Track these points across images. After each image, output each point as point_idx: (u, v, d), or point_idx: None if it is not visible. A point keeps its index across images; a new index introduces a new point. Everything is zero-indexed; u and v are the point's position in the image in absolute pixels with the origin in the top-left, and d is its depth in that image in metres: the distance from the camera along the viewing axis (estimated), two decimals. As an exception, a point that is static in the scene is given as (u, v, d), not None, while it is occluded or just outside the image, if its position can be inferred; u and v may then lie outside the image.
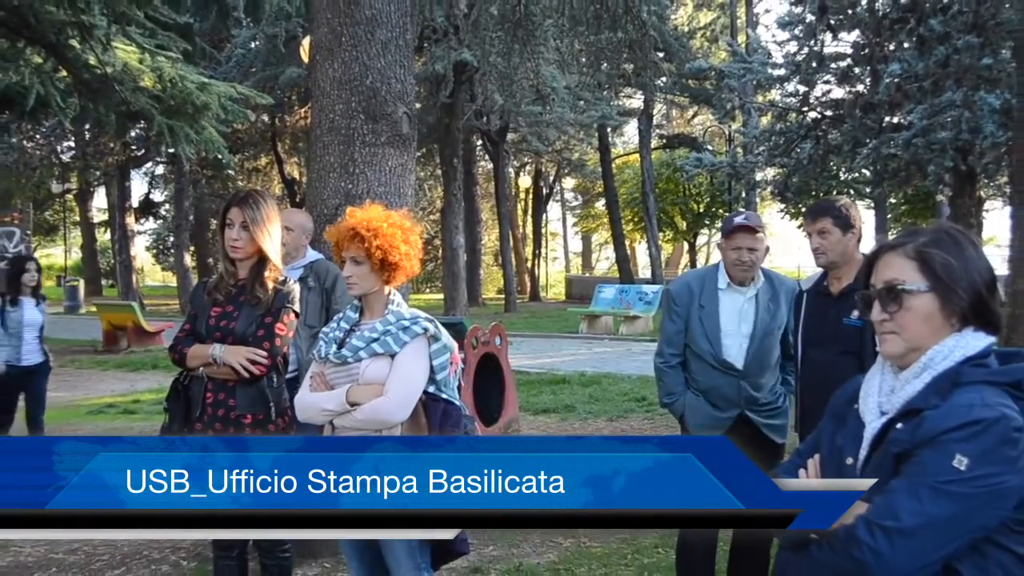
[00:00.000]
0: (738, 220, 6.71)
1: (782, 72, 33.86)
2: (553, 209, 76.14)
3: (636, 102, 52.29)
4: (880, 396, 3.02)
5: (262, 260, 6.04)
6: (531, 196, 69.23)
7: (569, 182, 73.32)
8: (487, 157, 52.41)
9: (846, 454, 3.04)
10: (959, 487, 2.67)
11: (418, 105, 9.15)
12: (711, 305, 6.75)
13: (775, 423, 6.76)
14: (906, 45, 27.58)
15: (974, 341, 2.91)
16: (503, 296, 50.91)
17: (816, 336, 6.39)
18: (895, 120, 29.37)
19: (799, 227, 44.61)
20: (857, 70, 30.76)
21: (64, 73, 16.11)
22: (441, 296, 40.98)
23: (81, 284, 53.60)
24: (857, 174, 33.72)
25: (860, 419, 3.08)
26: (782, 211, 44.10)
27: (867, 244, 6.25)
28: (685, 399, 6.90)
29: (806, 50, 31.99)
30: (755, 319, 6.71)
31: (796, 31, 33.23)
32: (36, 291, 11.75)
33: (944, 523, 2.68)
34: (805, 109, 32.46)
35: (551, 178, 68.59)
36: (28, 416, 11.64)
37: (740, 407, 6.72)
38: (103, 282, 64.96)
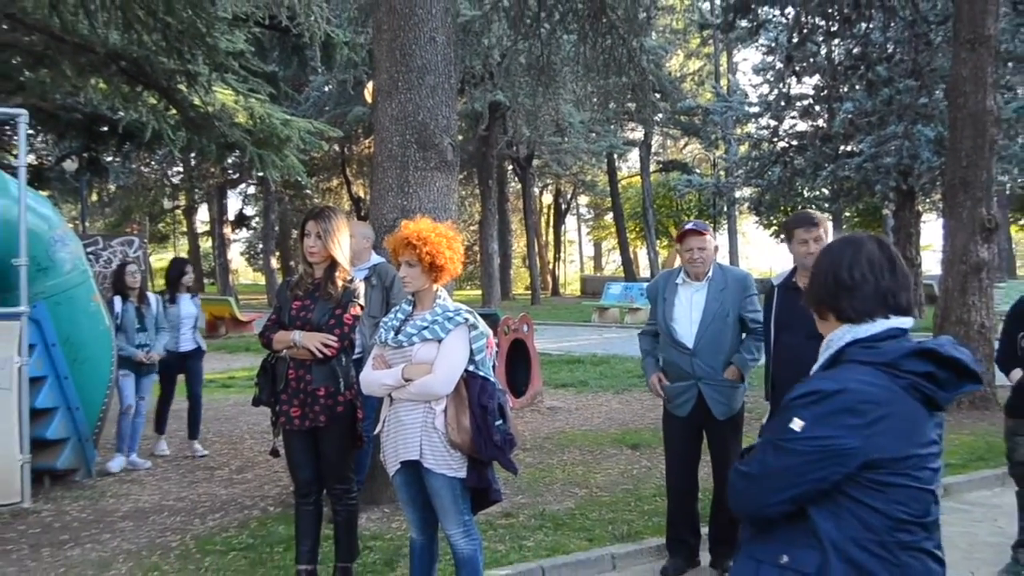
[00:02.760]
0: (687, 226, 6.94)
1: (756, 109, 33.88)
2: (570, 221, 76.08)
3: (638, 134, 52.17)
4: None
5: (333, 264, 6.08)
6: (552, 210, 69.28)
7: (583, 199, 73.20)
8: (516, 179, 52.41)
9: None
10: (792, 444, 2.67)
11: (460, 137, 9.14)
12: (671, 297, 6.96)
13: (719, 399, 6.80)
14: (857, 87, 27.52)
15: (867, 328, 2.85)
16: (530, 292, 50.92)
17: (787, 323, 6.41)
18: (848, 148, 29.39)
19: (771, 235, 44.62)
20: (817, 108, 30.70)
21: (174, 111, 16.20)
22: (479, 292, 40.98)
23: (188, 282, 53.82)
24: (818, 192, 33.62)
25: None
26: (756, 223, 44.13)
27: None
28: (651, 365, 7.21)
29: (776, 92, 31.97)
30: (704, 307, 6.80)
31: (768, 76, 33.39)
32: (190, 288, 11.71)
33: (779, 473, 2.70)
34: (775, 140, 32.40)
35: (568, 196, 68.57)
36: (188, 391, 11.58)
37: (694, 379, 6.82)
38: (205, 281, 65.20)
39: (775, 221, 42.39)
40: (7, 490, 8.85)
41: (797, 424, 2.68)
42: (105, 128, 21.52)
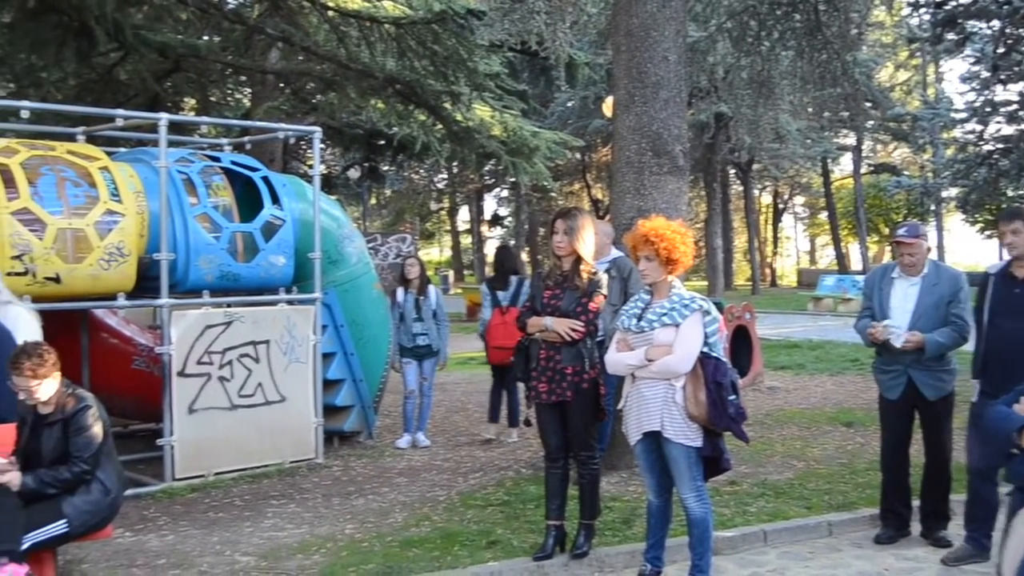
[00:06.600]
0: (898, 234, 6.76)
1: (963, 115, 32.42)
2: (787, 219, 74.09)
3: (850, 140, 50.40)
4: None
5: (578, 258, 6.10)
6: (771, 209, 67.89)
7: (799, 199, 71.26)
8: (738, 181, 51.49)
9: None
10: None
11: (688, 144, 9.05)
12: (887, 288, 6.77)
13: (930, 383, 6.59)
14: (1062, 93, 26.09)
15: None
16: (750, 283, 50.12)
17: (1005, 310, 6.23)
18: (1054, 150, 27.81)
19: (977, 231, 42.56)
20: (1022, 113, 29.16)
21: (440, 126, 16.55)
22: (704, 283, 40.47)
23: (451, 273, 55.21)
24: (1023, 192, 31.90)
25: None
26: (963, 220, 42.16)
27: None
28: (867, 323, 6.85)
29: (981, 99, 30.53)
30: (917, 299, 6.59)
31: (973, 84, 31.87)
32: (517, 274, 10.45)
33: None
34: (981, 143, 30.92)
35: (785, 196, 67.04)
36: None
37: (904, 365, 6.62)
38: (464, 272, 66.50)
39: (980, 219, 40.40)
40: (304, 448, 9.25)
41: None
42: (382, 141, 22.27)
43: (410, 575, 5.95)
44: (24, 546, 5.14)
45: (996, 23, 23.48)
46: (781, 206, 68.15)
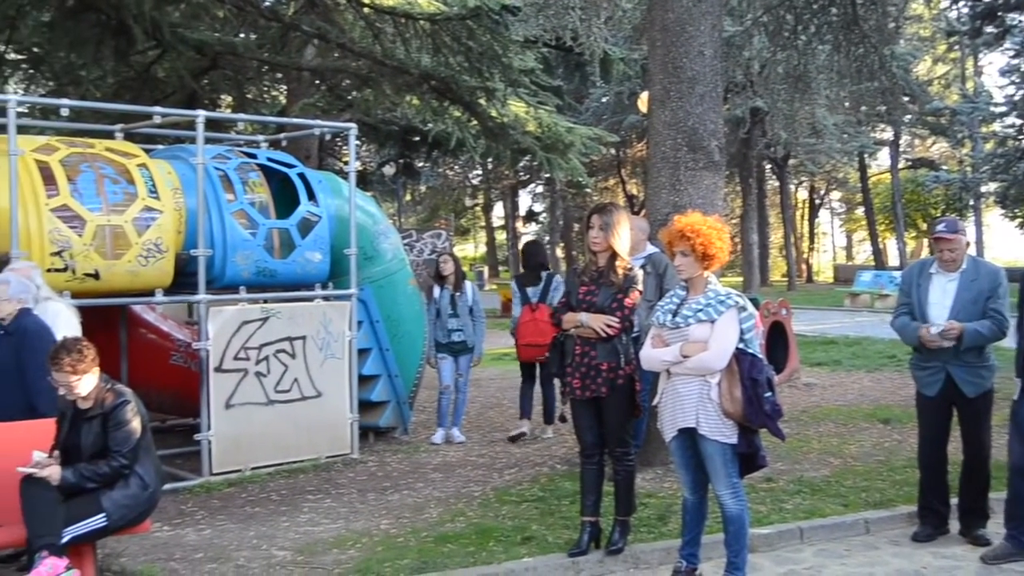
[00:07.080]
0: (937, 230, 6.67)
1: (1002, 109, 32.07)
2: (823, 214, 73.55)
3: (887, 134, 49.95)
4: None
5: (614, 254, 6.09)
6: (807, 205, 67.46)
7: (835, 194, 70.74)
8: (774, 176, 51.12)
9: None
10: None
11: (724, 140, 8.97)
12: (925, 284, 6.70)
13: (969, 379, 6.51)
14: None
15: None
16: (786, 279, 49.80)
17: None
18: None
19: (1016, 227, 42.06)
20: (1064, 106, 28.84)
21: (475, 123, 16.54)
22: (740, 279, 40.26)
23: (485, 269, 55.34)
24: (1064, 187, 31.54)
25: None
26: (1002, 215, 41.73)
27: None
28: (914, 324, 6.74)
29: (1021, 92, 30.18)
30: (955, 295, 6.51)
31: (1013, 78, 31.52)
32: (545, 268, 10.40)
33: None
34: (1020, 137, 30.58)
35: (822, 192, 66.56)
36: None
37: (943, 361, 6.54)
38: (500, 268, 66.52)
39: (1019, 214, 39.96)
40: (340, 443, 9.29)
41: None
42: (417, 138, 22.36)
43: (445, 570, 5.96)
44: (64, 539, 5.20)
45: (1037, 15, 23.24)
46: (817, 201, 67.73)
